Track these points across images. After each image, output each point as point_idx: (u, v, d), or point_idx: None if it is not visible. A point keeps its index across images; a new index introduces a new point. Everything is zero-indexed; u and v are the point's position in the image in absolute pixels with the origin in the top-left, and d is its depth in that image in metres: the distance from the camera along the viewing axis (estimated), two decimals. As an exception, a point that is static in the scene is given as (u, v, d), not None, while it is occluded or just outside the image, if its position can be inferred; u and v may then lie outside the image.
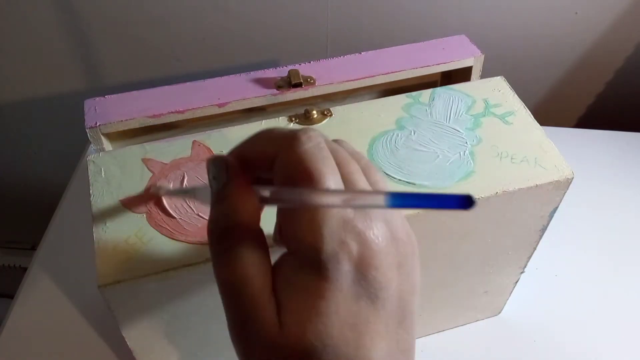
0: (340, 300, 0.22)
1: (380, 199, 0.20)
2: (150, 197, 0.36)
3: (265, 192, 0.23)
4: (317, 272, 0.22)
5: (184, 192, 0.30)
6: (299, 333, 0.22)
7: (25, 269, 0.59)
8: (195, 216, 0.35)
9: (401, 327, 0.23)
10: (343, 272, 0.22)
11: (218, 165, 0.25)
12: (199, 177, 0.38)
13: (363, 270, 0.22)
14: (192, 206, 0.36)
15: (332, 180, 0.22)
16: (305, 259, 0.22)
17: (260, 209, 0.24)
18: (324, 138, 0.24)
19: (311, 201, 0.22)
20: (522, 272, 0.48)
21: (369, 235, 0.22)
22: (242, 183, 0.24)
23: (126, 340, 0.37)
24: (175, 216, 0.35)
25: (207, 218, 0.36)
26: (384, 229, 0.23)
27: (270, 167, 0.24)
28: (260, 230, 0.24)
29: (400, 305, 0.23)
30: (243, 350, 0.24)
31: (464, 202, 0.19)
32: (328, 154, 0.23)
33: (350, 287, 0.22)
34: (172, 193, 0.34)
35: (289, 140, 0.23)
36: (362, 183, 0.24)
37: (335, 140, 0.26)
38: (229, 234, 0.23)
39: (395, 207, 0.21)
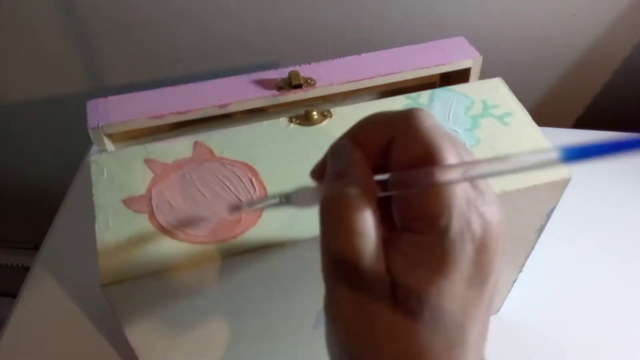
0: (459, 281, 0.22)
1: (554, 155, 0.19)
2: (233, 220, 0.36)
3: (383, 177, 0.23)
4: (443, 251, 0.21)
5: (271, 199, 0.29)
6: (415, 311, 0.21)
7: (27, 269, 0.59)
8: (197, 217, 0.36)
9: (488, 311, 0.24)
10: (466, 253, 0.22)
11: (343, 146, 0.25)
12: (201, 177, 0.38)
13: (481, 252, 0.22)
14: (194, 206, 0.36)
15: (453, 156, 0.22)
16: (428, 237, 0.22)
17: (378, 193, 0.24)
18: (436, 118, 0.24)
19: (442, 179, 0.21)
20: (520, 272, 0.48)
21: (489, 217, 0.22)
22: (366, 167, 0.24)
23: (128, 339, 0.38)
24: (176, 217, 0.36)
25: (207, 219, 0.36)
26: (498, 211, 0.23)
27: (383, 151, 0.24)
28: (376, 209, 0.23)
29: (493, 290, 0.24)
30: (346, 326, 0.23)
31: None
32: (446, 132, 0.23)
33: (468, 269, 0.22)
34: (257, 204, 0.33)
35: (407, 118, 0.23)
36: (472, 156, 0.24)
37: None
38: (348, 204, 0.22)
39: (573, 159, 0.19)
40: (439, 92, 0.44)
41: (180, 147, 0.40)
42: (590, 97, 0.82)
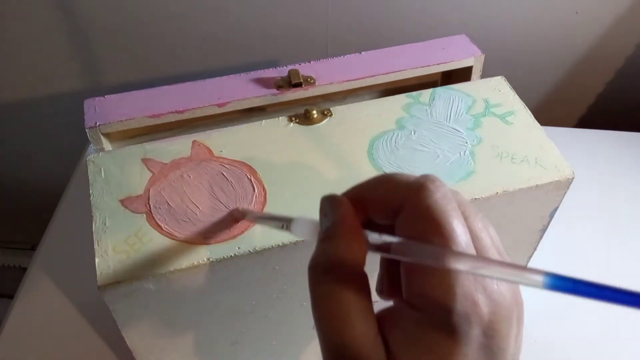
0: None
1: (538, 279, 0.19)
2: (232, 222, 0.35)
3: (378, 239, 0.22)
4: (446, 333, 0.20)
5: (275, 220, 0.29)
6: None
7: (25, 269, 0.59)
8: (195, 216, 0.35)
9: None
10: (472, 336, 0.20)
11: (331, 203, 0.24)
12: (199, 177, 0.38)
13: (489, 335, 0.21)
14: (192, 206, 0.36)
15: (464, 237, 0.21)
16: (432, 316, 0.21)
17: (366, 254, 0.23)
18: (447, 187, 0.23)
19: (442, 264, 0.20)
20: (522, 272, 0.48)
21: (498, 298, 0.21)
22: (353, 225, 0.23)
23: (126, 340, 0.37)
24: (174, 217, 0.35)
25: (206, 219, 0.36)
26: (508, 290, 0.22)
27: (389, 215, 0.23)
28: (365, 276, 0.22)
29: None
30: None
31: None
32: (456, 207, 0.22)
33: (474, 353, 0.21)
34: (261, 219, 0.33)
35: (417, 189, 0.22)
36: (488, 241, 0.23)
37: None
38: (331, 273, 0.22)
39: (554, 289, 0.19)
40: (440, 90, 0.44)
41: (178, 146, 0.40)
42: (593, 96, 0.82)
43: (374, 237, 0.22)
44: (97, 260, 0.33)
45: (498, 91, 0.44)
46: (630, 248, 0.60)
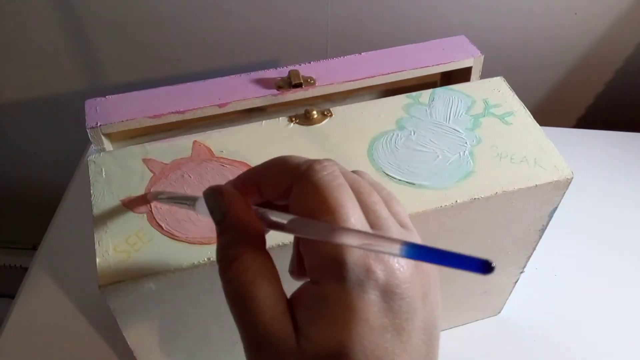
0: (366, 330, 0.21)
1: (396, 248, 0.19)
2: (147, 201, 0.36)
3: (280, 219, 0.23)
4: (343, 302, 0.21)
5: (183, 201, 0.29)
6: None
7: (26, 269, 0.59)
8: (195, 216, 0.36)
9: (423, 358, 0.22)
10: (369, 301, 0.21)
11: (213, 196, 0.24)
12: (199, 177, 0.38)
13: (389, 299, 0.21)
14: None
15: (351, 211, 0.22)
16: (329, 288, 0.21)
17: (264, 234, 0.24)
18: (340, 168, 0.24)
19: (330, 239, 0.21)
20: (521, 272, 0.48)
21: (394, 264, 0.21)
22: (242, 211, 0.23)
23: (127, 340, 0.37)
24: (175, 217, 0.36)
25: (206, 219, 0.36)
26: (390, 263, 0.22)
27: (284, 196, 0.24)
28: (268, 256, 0.23)
29: (425, 338, 0.22)
30: None
31: (483, 266, 0.18)
32: (344, 183, 0.23)
33: (376, 318, 0.21)
34: (171, 200, 0.34)
35: (303, 170, 0.23)
36: (384, 213, 0.23)
37: (354, 171, 0.25)
38: (234, 264, 0.22)
39: (409, 257, 0.20)
40: (439, 91, 0.44)
41: (179, 146, 0.40)
42: (592, 96, 0.82)
43: (278, 218, 0.23)
44: (97, 260, 0.33)
45: (497, 92, 0.44)
46: (630, 248, 0.60)
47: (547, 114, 0.83)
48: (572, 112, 0.85)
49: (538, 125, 0.42)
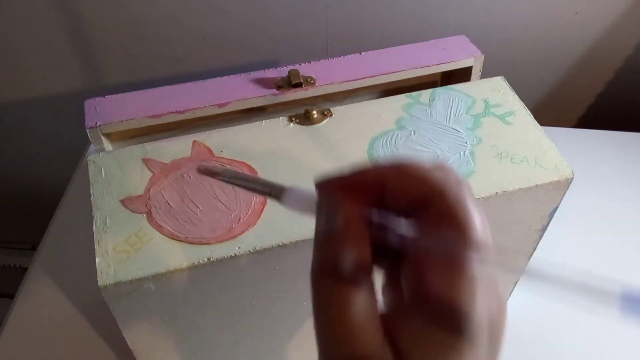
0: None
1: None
2: (203, 173, 0.31)
3: (396, 228, 0.21)
4: (459, 336, 0.20)
5: (260, 185, 0.26)
6: None
7: (25, 269, 0.59)
8: (195, 216, 0.35)
9: None
10: (483, 341, 0.20)
11: (333, 202, 0.22)
12: (199, 177, 0.38)
13: (494, 338, 0.21)
14: (192, 206, 0.36)
15: (480, 226, 0.21)
16: (446, 318, 0.20)
17: (371, 257, 0.22)
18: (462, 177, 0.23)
19: (464, 259, 0.20)
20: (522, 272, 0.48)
21: (503, 303, 0.21)
22: (358, 226, 0.21)
23: (126, 340, 0.37)
24: (175, 217, 0.35)
25: (206, 219, 0.36)
26: (501, 295, 0.22)
27: (412, 206, 0.22)
28: (372, 280, 0.21)
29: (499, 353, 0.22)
30: None
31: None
32: (474, 199, 0.22)
33: (485, 348, 0.21)
34: (239, 180, 0.28)
35: (448, 187, 0.21)
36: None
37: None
38: (335, 278, 0.21)
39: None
40: (440, 91, 0.44)
41: (178, 146, 0.40)
42: (592, 96, 0.82)
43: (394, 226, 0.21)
44: (97, 260, 0.33)
45: (498, 91, 0.44)
46: (630, 248, 0.60)
47: (547, 113, 0.83)
48: (572, 112, 0.85)
49: (538, 125, 0.42)
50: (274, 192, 0.25)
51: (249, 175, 0.29)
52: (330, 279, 0.21)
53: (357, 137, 0.40)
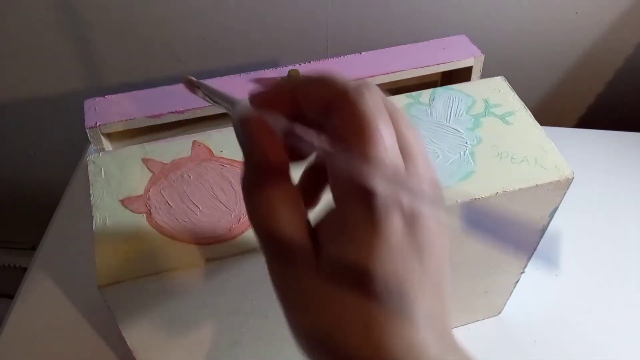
0: (389, 252, 0.22)
1: (418, 192, 0.21)
2: (186, 86, 0.33)
3: (312, 140, 0.22)
4: (368, 224, 0.22)
5: (222, 101, 0.28)
6: (342, 279, 0.22)
7: (25, 269, 0.59)
8: (195, 216, 0.35)
9: (441, 288, 0.24)
10: (394, 225, 0.22)
11: (241, 124, 0.24)
12: (199, 177, 0.38)
13: (413, 223, 0.22)
14: (192, 206, 0.36)
15: (387, 141, 0.22)
16: (355, 212, 0.22)
17: (288, 164, 0.24)
18: (381, 95, 0.24)
19: (362, 173, 0.21)
20: (522, 273, 0.48)
21: (420, 190, 0.22)
22: (266, 140, 0.23)
23: (126, 340, 0.37)
24: (174, 217, 0.35)
25: (206, 219, 0.36)
26: (432, 187, 0.24)
27: (320, 113, 0.23)
28: (291, 186, 0.24)
29: (438, 268, 0.23)
30: (286, 302, 0.24)
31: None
32: (386, 113, 0.23)
33: (398, 242, 0.22)
34: (211, 95, 0.31)
35: (350, 89, 0.22)
36: (417, 148, 0.24)
37: None
38: (256, 195, 0.23)
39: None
40: (440, 91, 0.44)
41: (178, 146, 0.40)
42: (592, 96, 0.82)
43: (298, 136, 0.23)
44: (97, 260, 0.33)
45: (498, 91, 0.44)
46: (631, 248, 0.60)
47: (548, 113, 0.83)
48: (573, 112, 0.85)
49: (539, 125, 0.41)
50: (229, 106, 0.27)
51: (218, 91, 0.30)
52: (253, 185, 0.23)
53: (357, 137, 0.40)
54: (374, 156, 0.21)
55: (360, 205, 0.22)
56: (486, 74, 0.51)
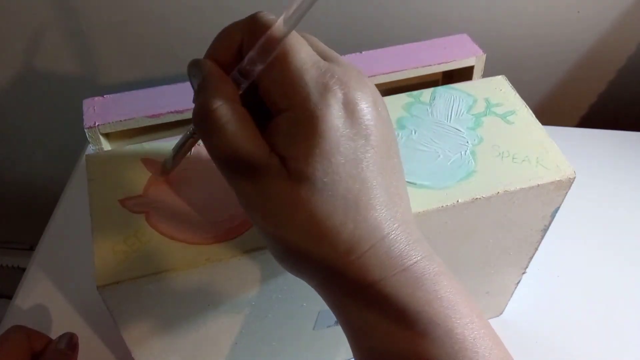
0: (339, 137, 0.24)
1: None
2: (162, 174, 0.37)
3: (240, 77, 0.26)
4: (312, 117, 0.24)
5: (184, 138, 0.32)
6: (308, 175, 0.24)
7: (23, 270, 0.59)
8: (195, 216, 0.35)
9: (391, 175, 0.26)
10: (334, 112, 0.24)
11: (196, 65, 0.27)
12: (197, 177, 0.38)
13: (351, 108, 0.25)
14: (192, 206, 0.36)
15: (306, 49, 0.26)
16: (297, 110, 0.24)
17: (237, 92, 0.26)
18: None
19: (276, 34, 0.24)
20: (523, 273, 0.48)
21: (346, 78, 0.25)
22: (219, 72, 0.27)
23: (125, 341, 0.37)
24: (174, 217, 0.35)
25: (205, 219, 0.35)
26: (355, 72, 0.26)
27: (239, 57, 0.27)
28: (243, 108, 0.26)
29: (386, 146, 0.26)
30: (259, 213, 0.26)
31: None
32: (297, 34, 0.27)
33: (344, 125, 0.24)
34: (178, 151, 0.34)
35: (249, 20, 0.27)
36: (338, 55, 0.28)
37: None
38: (213, 114, 0.25)
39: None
40: (441, 90, 0.44)
41: (177, 146, 0.39)
42: (594, 95, 0.82)
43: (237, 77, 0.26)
44: (95, 260, 0.33)
45: (499, 90, 0.44)
46: (632, 248, 0.60)
47: (549, 113, 0.83)
48: (574, 111, 0.85)
49: (540, 124, 0.41)
50: (190, 132, 0.31)
51: (175, 144, 0.34)
52: (203, 119, 0.25)
53: (358, 136, 0.40)
54: (299, 59, 0.25)
55: (301, 102, 0.24)
56: (487, 73, 0.50)
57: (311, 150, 0.24)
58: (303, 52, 0.25)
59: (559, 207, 0.41)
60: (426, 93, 0.44)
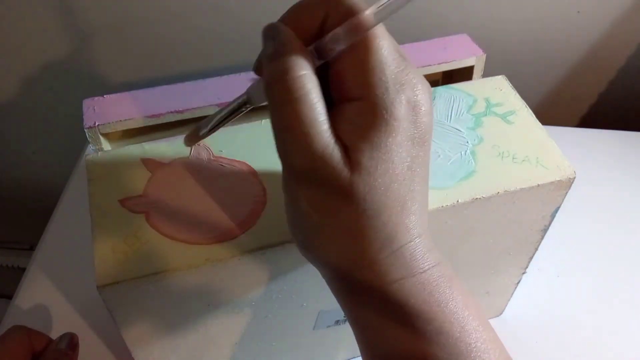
0: (403, 139, 0.24)
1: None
2: (190, 143, 0.34)
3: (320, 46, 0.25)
4: (385, 113, 0.24)
5: (231, 106, 0.30)
6: (370, 170, 0.24)
7: (23, 270, 0.59)
8: (195, 216, 0.35)
9: (427, 178, 0.26)
10: (405, 112, 0.24)
11: (275, 29, 0.26)
12: (198, 176, 0.37)
13: (417, 113, 0.25)
14: (192, 206, 0.36)
15: (389, 43, 0.25)
16: (370, 102, 0.24)
17: (314, 65, 0.25)
18: None
19: (361, 24, 0.23)
20: (523, 273, 0.48)
21: (417, 80, 0.25)
22: (300, 43, 0.25)
23: (125, 341, 0.37)
24: (174, 217, 0.35)
25: (205, 219, 0.35)
26: (421, 75, 0.26)
27: (318, 33, 0.25)
28: (317, 82, 0.24)
29: (429, 155, 0.26)
30: (304, 193, 0.25)
31: None
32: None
33: (408, 128, 0.24)
34: (217, 118, 0.32)
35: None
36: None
37: None
38: (296, 81, 0.24)
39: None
40: (441, 90, 0.44)
41: (178, 146, 0.39)
42: (594, 95, 0.82)
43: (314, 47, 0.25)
44: (96, 260, 0.33)
45: (499, 90, 0.44)
46: (632, 248, 0.60)
47: (549, 113, 0.82)
48: (574, 111, 0.85)
49: (540, 124, 0.41)
50: (242, 100, 0.29)
51: (218, 111, 0.32)
52: (280, 84, 0.24)
53: (358, 136, 0.40)
54: (384, 51, 0.24)
55: (376, 95, 0.24)
56: (487, 73, 0.50)
57: (377, 146, 0.24)
58: (388, 45, 0.24)
59: (559, 207, 0.41)
60: (426, 93, 0.44)
